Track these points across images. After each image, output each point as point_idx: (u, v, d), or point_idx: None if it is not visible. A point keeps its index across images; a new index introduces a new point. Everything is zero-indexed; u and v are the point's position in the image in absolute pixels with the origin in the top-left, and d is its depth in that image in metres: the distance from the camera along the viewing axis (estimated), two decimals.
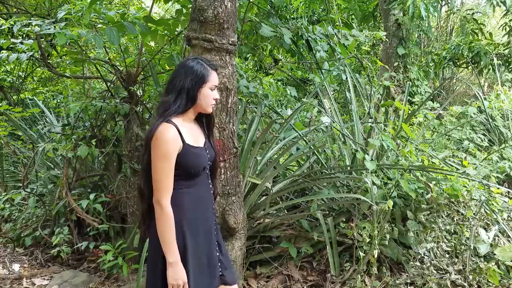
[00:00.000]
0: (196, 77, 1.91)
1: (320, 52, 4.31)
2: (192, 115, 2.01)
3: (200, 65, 1.94)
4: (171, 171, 1.85)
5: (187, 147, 1.89)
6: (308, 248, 3.19)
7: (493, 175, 4.05)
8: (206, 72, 1.94)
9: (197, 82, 1.91)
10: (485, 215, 3.25)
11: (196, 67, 1.92)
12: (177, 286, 1.86)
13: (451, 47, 6.97)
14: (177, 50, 4.20)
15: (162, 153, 1.82)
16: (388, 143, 3.05)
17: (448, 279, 2.81)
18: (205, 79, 1.93)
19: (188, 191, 1.95)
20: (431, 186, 2.94)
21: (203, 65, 1.94)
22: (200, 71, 1.92)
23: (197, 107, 1.96)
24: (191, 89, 1.90)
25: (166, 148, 1.82)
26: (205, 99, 1.95)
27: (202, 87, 1.92)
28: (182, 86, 1.89)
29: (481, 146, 4.86)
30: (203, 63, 1.95)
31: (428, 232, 2.93)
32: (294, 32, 4.20)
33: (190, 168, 1.92)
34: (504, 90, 5.64)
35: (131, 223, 3.72)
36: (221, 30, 2.83)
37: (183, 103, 1.90)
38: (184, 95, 1.89)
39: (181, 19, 3.83)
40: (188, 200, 1.95)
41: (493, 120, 5.16)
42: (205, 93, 1.94)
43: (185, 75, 1.90)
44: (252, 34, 4.71)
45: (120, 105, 3.69)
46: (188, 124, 1.99)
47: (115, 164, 4.07)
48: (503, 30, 8.80)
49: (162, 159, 1.83)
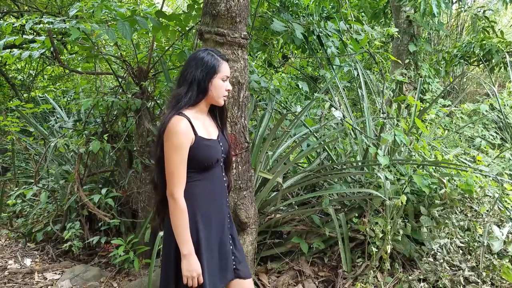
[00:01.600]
0: (207, 68, 1.90)
1: (331, 48, 4.29)
2: (205, 107, 2.00)
3: (211, 56, 1.93)
4: (183, 164, 1.85)
5: (199, 139, 1.89)
6: (319, 244, 3.17)
7: (505, 172, 4.00)
8: (217, 63, 1.93)
9: (208, 73, 1.90)
10: (499, 212, 3.21)
11: (206, 58, 1.92)
12: (191, 278, 1.85)
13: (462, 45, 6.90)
14: (188, 46, 4.20)
15: (174, 146, 1.82)
16: (402, 138, 3.02)
17: (461, 276, 2.78)
18: (216, 70, 1.92)
19: (202, 183, 1.94)
20: (445, 182, 2.91)
21: (214, 56, 1.94)
22: (211, 62, 1.92)
23: (209, 98, 1.96)
24: (202, 80, 1.89)
25: (178, 141, 1.82)
26: (217, 90, 1.94)
27: (213, 78, 1.92)
28: (193, 77, 1.89)
29: (494, 143, 4.81)
30: (213, 54, 1.95)
31: (442, 228, 2.90)
32: (305, 28, 4.19)
33: (203, 160, 1.91)
34: None
35: (142, 218, 3.73)
36: (233, 24, 2.82)
37: (194, 95, 1.90)
38: (195, 86, 1.89)
39: (192, 14, 3.84)
40: (201, 193, 1.94)
41: (505, 118, 5.10)
42: (217, 84, 1.93)
43: (196, 66, 1.90)
44: (262, 30, 4.71)
45: (131, 101, 3.70)
46: (201, 116, 1.98)
47: (126, 160, 4.09)
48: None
49: (174, 152, 1.83)
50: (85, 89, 5.52)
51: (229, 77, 2.06)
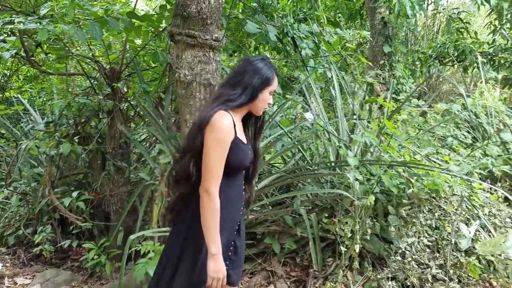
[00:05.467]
0: (262, 78, 1.93)
1: (306, 50, 4.32)
2: (243, 113, 2.01)
3: (268, 68, 1.96)
4: (223, 160, 1.82)
5: (237, 141, 1.89)
6: (291, 244, 3.20)
7: (476, 171, 4.09)
8: (272, 76, 1.97)
9: (262, 83, 1.93)
10: (467, 210, 3.29)
11: (264, 69, 1.94)
12: (217, 279, 1.83)
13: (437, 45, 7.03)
14: (162, 47, 4.18)
15: (217, 140, 1.80)
16: (371, 139, 3.07)
17: (429, 274, 2.83)
18: (269, 82, 1.96)
19: (226, 188, 1.90)
20: (413, 182, 2.97)
21: (271, 69, 1.97)
22: (268, 74, 1.95)
23: (252, 106, 1.97)
24: (255, 88, 1.91)
25: (222, 135, 1.80)
26: (263, 101, 1.97)
27: (265, 89, 1.94)
28: (249, 83, 1.91)
29: (465, 143, 4.91)
30: (270, 66, 1.99)
31: (409, 227, 2.96)
32: (279, 30, 4.21)
33: (236, 163, 1.89)
34: (488, 87, 5.71)
35: (115, 221, 3.70)
36: (204, 25, 2.82)
37: (245, 100, 1.91)
38: (248, 92, 1.90)
39: (165, 15, 3.82)
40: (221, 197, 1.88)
41: (476, 118, 5.22)
42: (265, 96, 1.96)
43: (254, 73, 1.92)
44: (238, 31, 4.71)
45: (103, 102, 3.66)
46: (239, 121, 1.99)
47: (99, 162, 4.04)
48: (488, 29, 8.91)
49: (217, 146, 1.80)
50: (58, 90, 5.43)
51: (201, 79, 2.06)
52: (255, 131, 2.11)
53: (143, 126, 4.41)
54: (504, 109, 5.51)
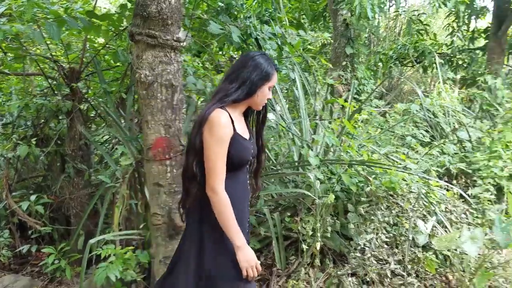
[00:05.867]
0: (262, 73, 1.92)
1: (270, 51, 4.35)
2: (243, 108, 2.03)
3: (268, 63, 1.96)
4: (224, 156, 1.84)
5: (237, 136, 1.91)
6: (255, 244, 3.23)
7: (433, 169, 4.26)
8: (272, 71, 1.96)
9: (262, 78, 1.93)
10: (424, 207, 3.41)
11: (264, 64, 1.94)
12: (251, 267, 1.86)
13: (398, 47, 7.25)
14: (123, 46, 4.12)
15: (216, 137, 1.82)
16: (331, 139, 3.14)
17: (388, 269, 2.93)
18: (269, 78, 1.95)
19: (228, 183, 1.91)
20: (371, 180, 3.06)
21: (270, 64, 1.97)
22: (267, 69, 1.94)
23: (251, 101, 1.98)
24: (254, 83, 1.91)
25: (220, 133, 1.83)
26: (262, 97, 1.97)
27: (264, 85, 1.94)
28: (247, 78, 1.91)
29: (423, 141, 5.10)
30: (270, 61, 1.99)
31: (368, 224, 3.05)
32: (243, 31, 4.22)
33: (236, 158, 1.91)
34: (446, 88, 5.94)
35: (75, 225, 3.62)
36: (165, 26, 2.80)
37: (243, 94, 1.91)
38: (246, 87, 1.91)
39: (126, 14, 3.76)
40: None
41: (434, 117, 5.42)
42: (264, 91, 1.96)
43: (253, 68, 1.92)
44: (201, 31, 4.69)
45: (62, 103, 3.58)
46: (238, 116, 2.00)
47: (58, 164, 3.95)
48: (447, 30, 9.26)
49: (216, 144, 1.82)
50: (17, 90, 5.25)
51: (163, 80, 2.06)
52: (257, 125, 2.14)
53: (104, 127, 4.33)
54: (460, 108, 5.76)
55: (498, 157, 4.46)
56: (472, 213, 3.85)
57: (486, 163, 4.40)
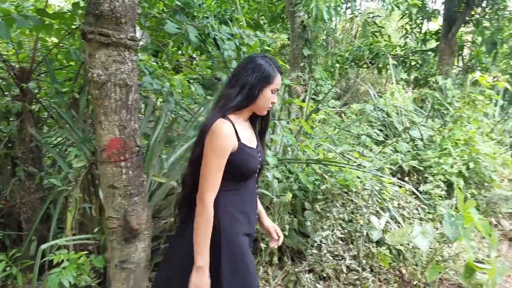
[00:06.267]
0: (262, 76, 1.83)
1: (228, 51, 4.36)
2: (247, 114, 1.93)
3: (269, 65, 1.86)
4: (221, 169, 1.77)
5: (242, 146, 1.82)
6: None
7: (386, 166, 4.41)
8: (273, 73, 1.87)
9: (262, 80, 1.83)
10: (377, 203, 3.53)
11: (264, 66, 1.85)
12: None
13: (353, 48, 7.46)
14: (76, 45, 4.00)
15: (215, 149, 1.75)
16: (288, 139, 3.19)
17: (343, 265, 3.01)
18: (270, 80, 1.86)
19: (238, 192, 1.87)
20: (327, 178, 3.13)
21: (271, 66, 1.87)
22: (268, 70, 1.85)
23: (254, 106, 1.89)
24: (253, 87, 1.82)
25: (220, 144, 1.75)
26: (264, 100, 1.87)
27: (265, 88, 1.85)
28: (246, 81, 1.82)
29: (378, 140, 5.27)
30: (271, 63, 1.89)
31: (324, 221, 3.12)
32: (201, 30, 4.21)
33: (243, 168, 1.85)
34: (398, 88, 6.17)
35: (27, 230, 3.48)
36: (118, 24, 2.74)
37: (243, 100, 1.83)
38: (245, 91, 1.82)
39: (78, 13, 3.66)
40: (235, 203, 1.87)
41: (388, 116, 5.62)
42: (266, 95, 1.86)
43: (252, 71, 1.83)
44: (159, 30, 4.63)
45: (11, 104, 3.43)
46: (243, 123, 1.92)
47: (9, 168, 3.77)
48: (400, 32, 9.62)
49: (214, 155, 1.75)
50: None
51: (116, 79, 2.00)
52: (260, 131, 2.06)
53: (56, 129, 4.19)
54: (412, 108, 6.00)
55: (448, 155, 4.68)
56: (424, 208, 4.03)
57: (437, 160, 4.60)
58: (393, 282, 3.09)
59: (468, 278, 2.96)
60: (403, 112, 5.75)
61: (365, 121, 5.29)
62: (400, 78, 7.28)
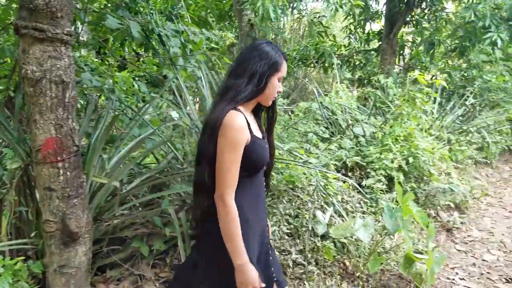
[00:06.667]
0: (270, 62, 1.72)
1: (174, 48, 4.29)
2: (253, 105, 1.82)
3: (275, 52, 1.75)
4: (238, 163, 1.66)
5: (254, 138, 1.72)
6: (161, 245, 3.16)
7: (332, 163, 4.54)
8: (280, 60, 1.76)
9: (270, 68, 1.72)
10: (322, 198, 3.62)
11: (271, 53, 1.73)
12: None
13: (300, 48, 7.59)
14: (11, 41, 3.78)
15: (231, 143, 1.63)
16: None
17: (290, 259, 3.06)
18: (278, 67, 1.75)
19: (250, 188, 1.77)
20: (273, 175, 3.17)
21: (278, 52, 1.76)
22: (275, 57, 1.74)
23: (261, 96, 1.77)
24: (263, 75, 1.71)
25: (235, 138, 1.63)
26: (272, 89, 1.77)
27: (274, 75, 1.74)
28: (255, 70, 1.70)
29: (324, 137, 5.41)
30: (277, 50, 1.77)
31: (270, 217, 3.15)
32: (145, 26, 4.11)
33: (257, 162, 1.75)
34: (343, 87, 6.37)
35: None
36: (54, 19, 2.62)
37: (254, 90, 1.71)
38: (255, 80, 1.70)
39: (13, 7, 3.46)
40: (247, 199, 1.76)
41: (333, 114, 5.78)
42: (274, 83, 1.76)
43: (260, 58, 1.71)
44: (100, 26, 4.47)
45: None
46: (250, 115, 1.81)
47: None
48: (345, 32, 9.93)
49: (230, 150, 1.63)
50: None
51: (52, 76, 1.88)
52: (269, 123, 1.94)
53: None
54: (355, 106, 6.21)
55: (389, 150, 4.89)
56: (366, 202, 4.18)
57: (378, 156, 4.79)
58: (337, 274, 3.18)
59: (407, 269, 3.10)
60: (347, 110, 5.94)
61: (311, 119, 5.41)
62: (345, 77, 7.51)
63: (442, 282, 3.67)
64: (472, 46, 8.24)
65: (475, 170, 7.31)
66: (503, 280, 3.72)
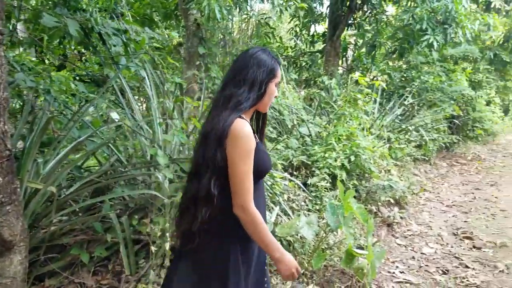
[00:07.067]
0: (268, 69, 1.75)
1: (116, 47, 4.17)
2: (252, 113, 1.84)
3: (270, 58, 1.78)
4: (251, 170, 1.68)
5: (259, 145, 1.76)
6: (102, 252, 3.06)
7: (279, 162, 4.60)
8: (276, 66, 1.80)
9: (268, 75, 1.75)
10: (269, 197, 3.66)
11: (268, 60, 1.77)
12: (292, 275, 1.75)
13: None
14: None
15: (244, 151, 1.64)
16: (180, 137, 3.15)
17: None
18: (275, 73, 1.79)
19: (257, 192, 1.74)
20: None
21: (273, 58, 1.79)
22: (272, 64, 1.77)
23: (260, 104, 1.79)
24: (262, 83, 1.73)
25: (247, 146, 1.65)
26: (270, 96, 1.80)
27: (271, 82, 1.77)
28: (255, 78, 1.71)
29: (271, 137, 5.48)
30: (272, 56, 1.80)
31: None
32: (84, 24, 3.96)
33: (262, 168, 1.78)
34: (289, 88, 6.49)
35: None
36: None
37: (255, 98, 1.73)
38: (256, 88, 1.72)
39: None
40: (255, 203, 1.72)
41: (280, 114, 5.87)
42: (271, 89, 1.78)
43: (258, 67, 1.73)
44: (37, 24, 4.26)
45: None
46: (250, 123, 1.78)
47: None
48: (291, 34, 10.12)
49: (244, 158, 1.64)
50: None
51: None
52: (261, 128, 1.96)
53: None
54: (301, 106, 6.34)
55: (332, 149, 5.04)
56: (311, 200, 4.28)
57: (323, 155, 4.93)
58: None
59: (349, 264, 3.20)
60: (294, 110, 6.06)
61: None
62: (291, 78, 7.65)
63: (383, 275, 3.84)
64: (411, 48, 8.68)
65: (414, 166, 7.72)
66: (439, 272, 3.96)
